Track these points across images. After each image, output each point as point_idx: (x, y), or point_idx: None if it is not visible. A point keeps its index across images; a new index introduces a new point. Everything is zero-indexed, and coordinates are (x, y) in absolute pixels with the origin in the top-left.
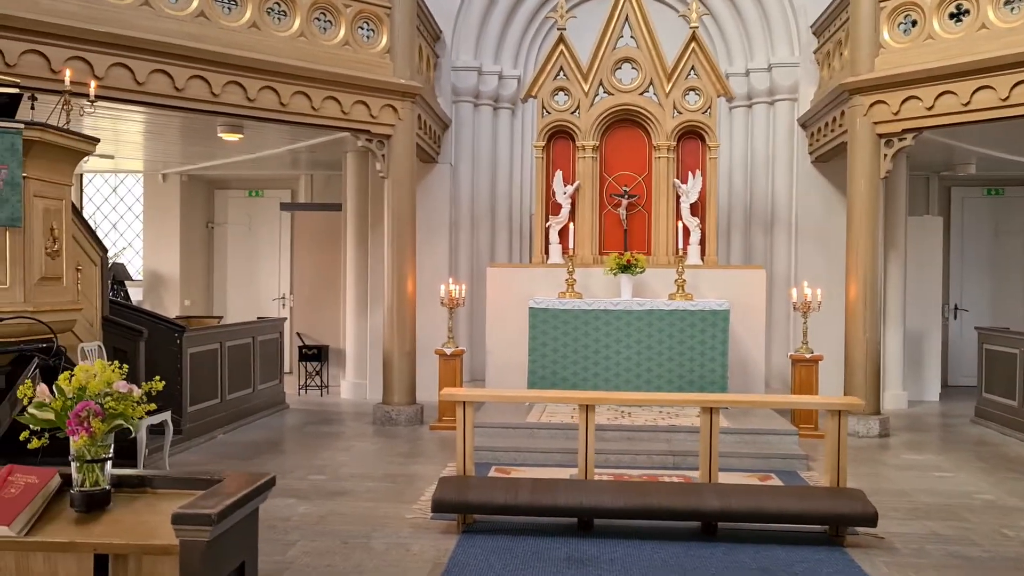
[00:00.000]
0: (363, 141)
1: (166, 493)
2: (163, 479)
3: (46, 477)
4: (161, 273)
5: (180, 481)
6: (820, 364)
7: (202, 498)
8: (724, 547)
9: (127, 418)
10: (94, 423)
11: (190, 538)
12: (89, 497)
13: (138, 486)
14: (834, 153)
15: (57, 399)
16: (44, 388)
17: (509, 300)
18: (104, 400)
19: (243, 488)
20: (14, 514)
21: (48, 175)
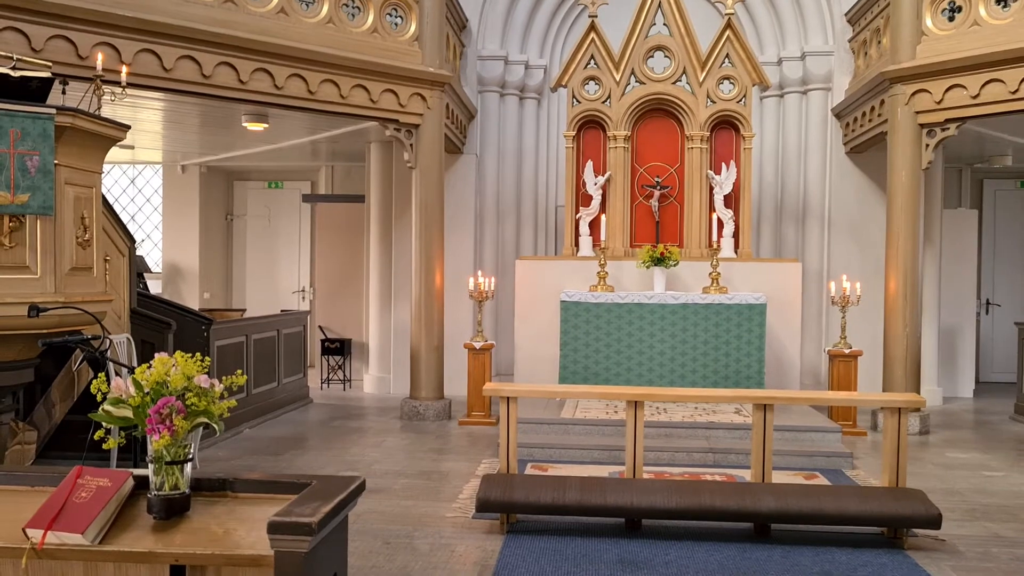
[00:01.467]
0: (391, 130)
1: (248, 497)
2: (245, 482)
3: (119, 480)
4: (180, 265)
5: (264, 484)
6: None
7: (296, 504)
8: (780, 549)
9: (211, 416)
10: (176, 421)
11: (287, 549)
12: (168, 502)
13: (218, 489)
14: (870, 144)
15: (135, 395)
16: (120, 383)
17: (538, 293)
18: (185, 396)
19: (337, 493)
20: (87, 521)
21: (79, 162)
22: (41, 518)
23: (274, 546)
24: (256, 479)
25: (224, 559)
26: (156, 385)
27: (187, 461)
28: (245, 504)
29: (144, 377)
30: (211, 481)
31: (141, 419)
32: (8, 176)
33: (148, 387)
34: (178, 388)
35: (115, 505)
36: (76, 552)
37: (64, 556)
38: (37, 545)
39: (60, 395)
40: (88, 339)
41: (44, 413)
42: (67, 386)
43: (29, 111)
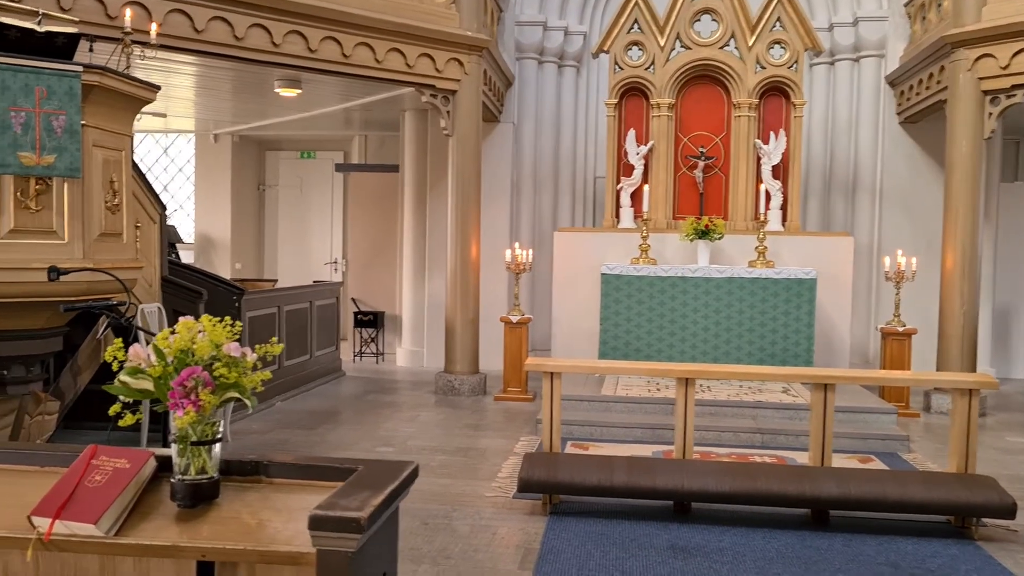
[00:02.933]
0: (427, 96)
1: (284, 483)
2: (281, 466)
3: (139, 461)
4: (212, 236)
5: (303, 469)
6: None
7: (341, 495)
8: (841, 538)
9: (242, 389)
10: (203, 395)
11: (331, 547)
12: (194, 488)
13: (250, 474)
14: (925, 113)
15: (156, 364)
16: (139, 349)
17: (578, 266)
18: (213, 366)
19: (388, 482)
20: (101, 509)
21: (107, 123)
22: (49, 504)
23: (316, 543)
24: (294, 463)
25: (258, 555)
26: (180, 353)
27: (216, 441)
28: (281, 491)
29: (166, 344)
30: (242, 464)
31: (163, 392)
32: (34, 136)
33: (171, 355)
34: (205, 357)
35: (134, 491)
36: (89, 544)
37: (75, 549)
38: (44, 536)
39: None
40: (113, 305)
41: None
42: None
43: (55, 68)
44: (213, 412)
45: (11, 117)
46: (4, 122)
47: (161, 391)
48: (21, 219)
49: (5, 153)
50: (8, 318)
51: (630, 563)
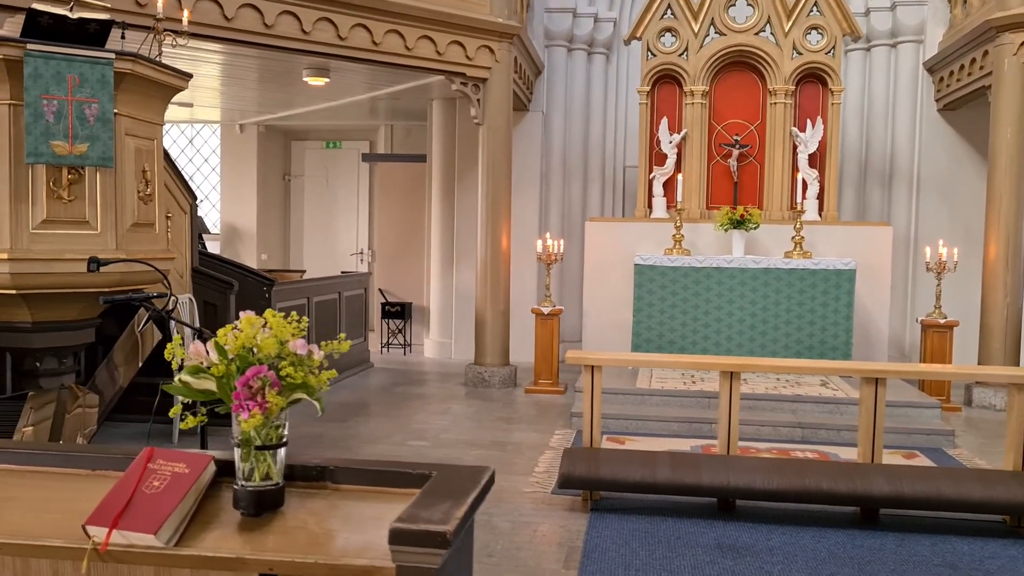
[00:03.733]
0: (458, 84)
1: (352, 490)
2: (348, 471)
3: (199, 466)
4: (238, 226)
5: (372, 475)
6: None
7: (420, 506)
8: (893, 537)
9: (310, 390)
10: (270, 396)
11: (413, 564)
12: (259, 496)
13: (315, 479)
14: (965, 100)
15: (219, 363)
16: (200, 347)
17: (609, 256)
18: (279, 365)
19: (468, 491)
20: (161, 518)
21: (140, 112)
22: (105, 513)
23: (396, 559)
24: (362, 468)
25: (328, 570)
26: (242, 351)
27: (281, 445)
28: (349, 499)
29: (228, 340)
30: (307, 469)
31: (226, 393)
32: (66, 125)
33: (233, 353)
34: (270, 355)
35: (193, 498)
36: (148, 555)
37: (133, 560)
38: (100, 546)
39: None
40: (153, 297)
41: (107, 377)
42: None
43: (87, 55)
44: (279, 414)
45: (43, 106)
46: (36, 111)
47: (224, 392)
48: (54, 209)
49: (38, 142)
50: (41, 309)
51: (678, 562)
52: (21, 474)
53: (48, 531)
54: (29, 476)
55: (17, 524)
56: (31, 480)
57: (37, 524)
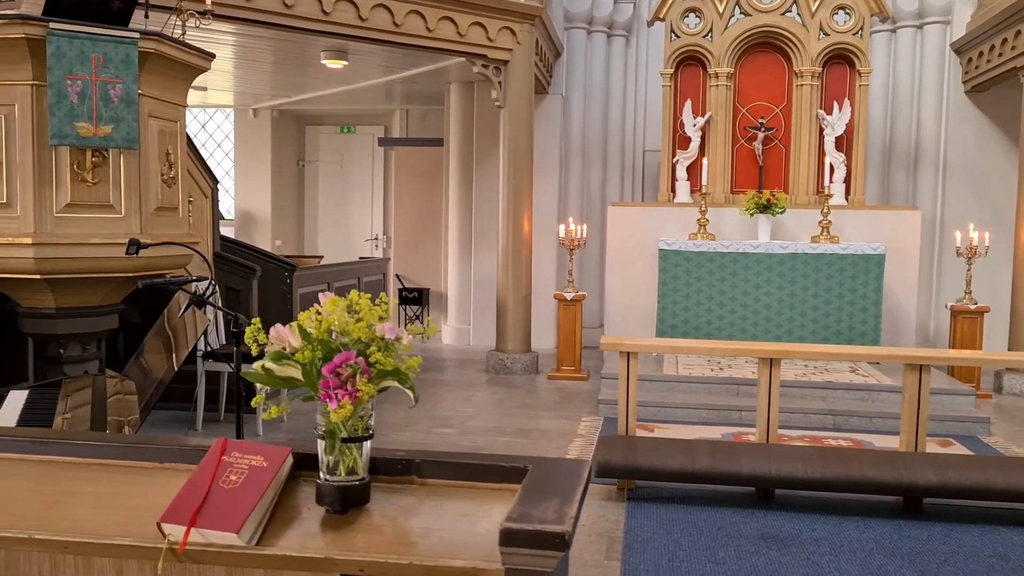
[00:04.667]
0: (479, 67)
1: (439, 484)
2: (436, 465)
3: (277, 458)
4: (252, 212)
5: (463, 469)
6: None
7: (527, 503)
8: (940, 527)
9: (402, 377)
10: (361, 384)
11: (526, 567)
12: (344, 491)
13: (400, 473)
14: (994, 82)
15: (303, 348)
16: (282, 331)
17: (632, 241)
18: (368, 351)
19: (573, 487)
20: (242, 515)
21: (163, 93)
22: (181, 510)
23: (507, 562)
24: (452, 461)
25: (424, 571)
26: (326, 335)
27: (368, 437)
28: (437, 494)
29: (313, 324)
30: (391, 463)
31: (312, 381)
32: (90, 106)
33: (317, 337)
34: (361, 339)
35: (273, 493)
36: (227, 555)
37: (211, 560)
38: (178, 547)
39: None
40: (192, 281)
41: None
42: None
43: (111, 35)
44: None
45: (67, 86)
46: (60, 91)
47: (310, 379)
48: (78, 192)
49: (62, 123)
50: (65, 295)
51: (723, 553)
52: (85, 467)
53: (117, 529)
54: (94, 469)
55: (83, 521)
56: (96, 474)
57: (104, 521)
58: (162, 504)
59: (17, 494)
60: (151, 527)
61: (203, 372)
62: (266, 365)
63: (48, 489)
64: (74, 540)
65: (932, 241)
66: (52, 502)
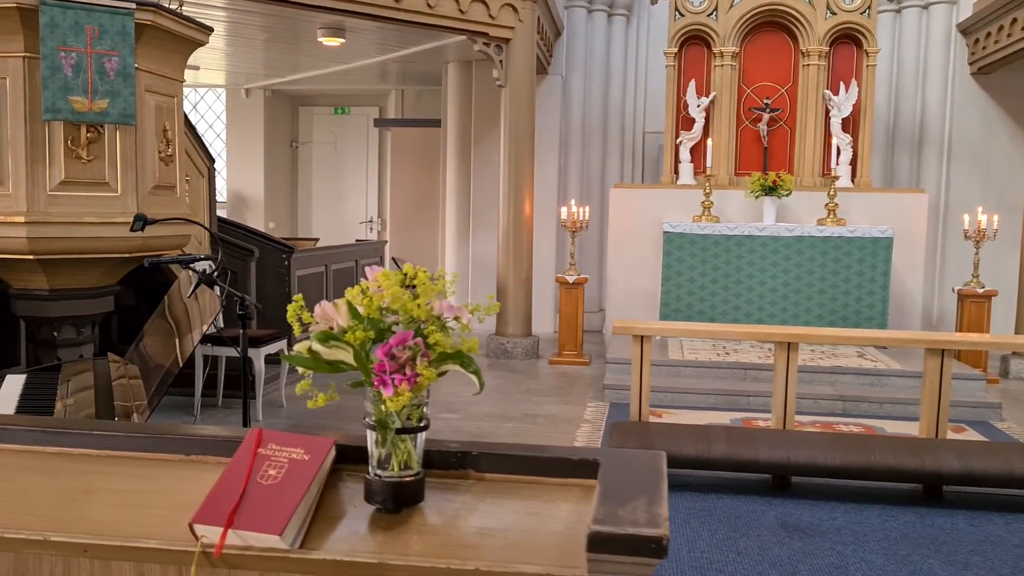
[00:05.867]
0: (480, 45)
1: (501, 481)
2: (495, 458)
3: (319, 450)
4: (244, 194)
5: (524, 462)
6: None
7: (610, 502)
8: (964, 516)
9: (464, 360)
10: (420, 368)
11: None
12: (397, 488)
13: (455, 467)
14: (1001, 64)
15: (354, 327)
16: (328, 308)
17: (634, 224)
18: (426, 331)
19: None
20: (285, 515)
21: (160, 67)
22: (215, 509)
23: (596, 570)
24: (511, 454)
25: None
26: (377, 314)
27: (423, 428)
28: (497, 491)
29: (362, 301)
30: (445, 456)
31: (364, 365)
32: (85, 79)
33: (368, 315)
34: (418, 317)
35: (317, 489)
36: (268, 560)
37: (250, 565)
38: (213, 551)
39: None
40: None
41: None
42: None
43: (107, 5)
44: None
45: (61, 58)
46: (53, 63)
47: (362, 363)
48: (72, 170)
49: (55, 97)
50: (58, 276)
51: (744, 543)
52: (105, 460)
53: (142, 530)
54: (115, 462)
55: (103, 521)
56: (116, 467)
57: (128, 521)
58: (191, 502)
59: (29, 490)
60: (180, 528)
61: (202, 357)
62: (313, 347)
63: (64, 485)
64: (94, 542)
65: (936, 225)
66: (69, 499)
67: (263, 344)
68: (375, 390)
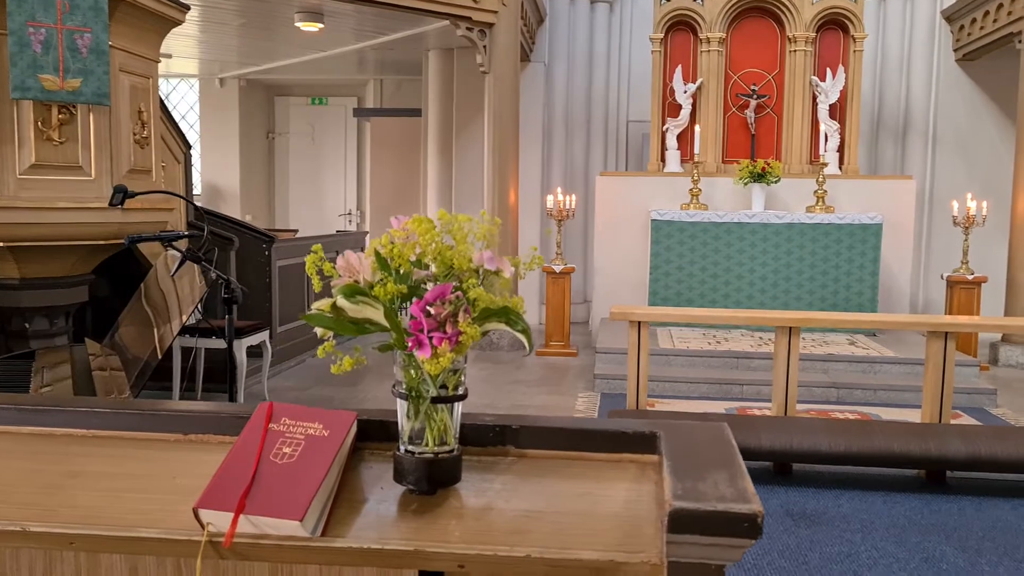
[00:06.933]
0: (463, 30)
1: (544, 457)
2: (537, 432)
3: (340, 425)
4: (220, 186)
5: (570, 436)
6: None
7: (685, 476)
8: (970, 501)
9: (512, 317)
10: (464, 326)
11: (701, 559)
12: (433, 466)
13: (493, 444)
14: (986, 50)
15: (385, 279)
16: (353, 259)
17: (621, 212)
18: (465, 285)
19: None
20: (306, 498)
21: (134, 46)
22: (224, 492)
23: (676, 554)
24: (555, 427)
25: (546, 566)
26: (408, 265)
27: (462, 397)
28: (541, 469)
29: (395, 251)
30: (480, 431)
31: (396, 324)
32: (56, 56)
33: (397, 266)
34: (464, 270)
35: (338, 469)
36: (286, 550)
37: (266, 556)
38: (223, 540)
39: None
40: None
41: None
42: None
43: None
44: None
45: (29, 33)
46: (21, 39)
47: (394, 321)
48: (43, 152)
49: (24, 75)
50: (30, 264)
51: None
52: (91, 441)
53: (136, 518)
54: (104, 443)
55: (92, 509)
56: (104, 449)
57: (119, 509)
58: (193, 486)
59: (8, 475)
60: (181, 515)
61: (180, 349)
62: (338, 303)
63: (45, 469)
64: (81, 532)
65: (921, 212)
66: (52, 485)
67: (245, 335)
68: (406, 353)
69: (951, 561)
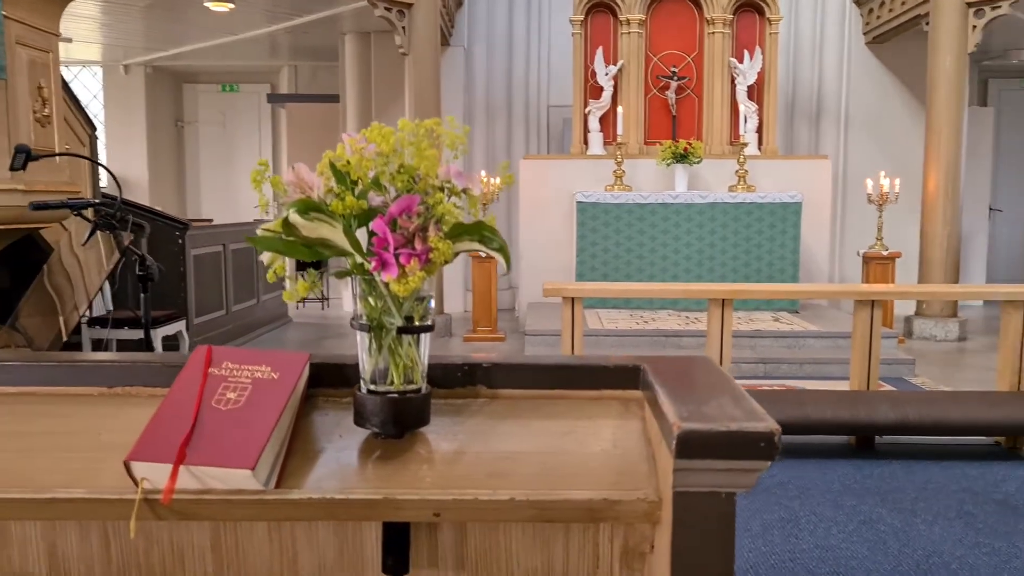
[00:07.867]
0: (381, 10)
1: (518, 397)
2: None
3: (292, 368)
4: (126, 177)
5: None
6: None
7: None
8: (899, 465)
9: (486, 234)
10: (435, 241)
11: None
12: (399, 407)
13: (463, 384)
14: (896, 32)
15: (342, 193)
16: (305, 170)
17: (545, 195)
18: (431, 199)
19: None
20: (257, 446)
21: (31, 17)
22: (159, 442)
23: (684, 483)
24: (532, 364)
25: (532, 509)
26: (367, 179)
27: (429, 328)
28: (518, 409)
29: (354, 160)
30: (448, 370)
31: (356, 242)
32: None
33: (356, 178)
34: (425, 179)
35: (291, 415)
36: (236, 504)
37: (212, 513)
38: (161, 497)
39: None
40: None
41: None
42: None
43: None
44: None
45: None
46: None
47: (353, 239)
48: None
49: None
50: None
51: None
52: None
53: (57, 477)
54: (14, 400)
55: (4, 471)
56: (17, 405)
57: (35, 468)
58: (121, 442)
59: None
60: (109, 474)
61: (90, 340)
62: (291, 219)
63: None
64: None
65: (836, 191)
66: None
67: (160, 325)
68: (366, 278)
69: (888, 522)
